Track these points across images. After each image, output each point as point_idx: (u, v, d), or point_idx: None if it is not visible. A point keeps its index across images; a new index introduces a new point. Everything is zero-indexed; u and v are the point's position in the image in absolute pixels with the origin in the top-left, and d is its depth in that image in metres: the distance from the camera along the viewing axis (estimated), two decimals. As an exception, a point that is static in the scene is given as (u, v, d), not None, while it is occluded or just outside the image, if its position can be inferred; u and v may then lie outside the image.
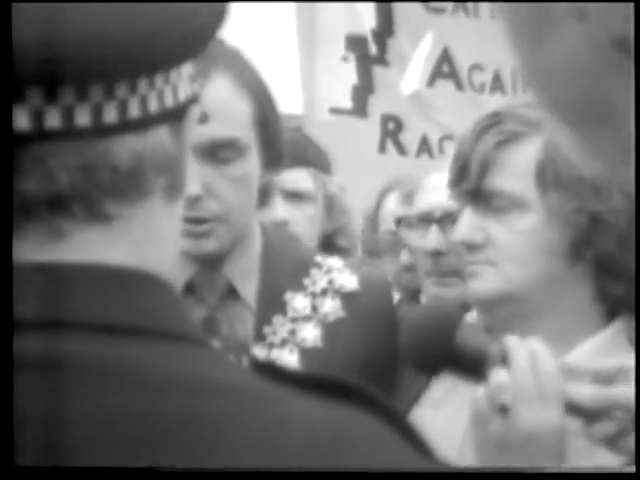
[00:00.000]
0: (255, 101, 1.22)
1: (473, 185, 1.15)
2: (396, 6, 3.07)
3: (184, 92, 0.63)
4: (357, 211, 2.10)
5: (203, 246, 1.21)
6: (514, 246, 1.14)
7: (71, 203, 0.58)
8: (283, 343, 1.26)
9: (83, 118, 0.57)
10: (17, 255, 0.56)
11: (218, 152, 1.19)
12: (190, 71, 0.64)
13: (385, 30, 3.06)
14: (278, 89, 1.31)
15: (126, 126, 0.59)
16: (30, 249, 0.58)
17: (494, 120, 1.16)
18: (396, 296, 1.84)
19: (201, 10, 0.61)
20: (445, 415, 1.19)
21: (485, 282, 1.14)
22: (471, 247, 1.15)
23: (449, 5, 3.11)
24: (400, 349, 1.08)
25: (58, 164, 0.57)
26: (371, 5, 3.06)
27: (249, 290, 1.27)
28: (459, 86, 3.10)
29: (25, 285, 0.57)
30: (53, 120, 0.56)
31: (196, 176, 1.17)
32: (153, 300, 0.59)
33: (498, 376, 1.00)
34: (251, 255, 1.28)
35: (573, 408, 1.00)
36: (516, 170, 1.14)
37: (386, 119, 3.05)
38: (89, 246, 0.59)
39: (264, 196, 1.28)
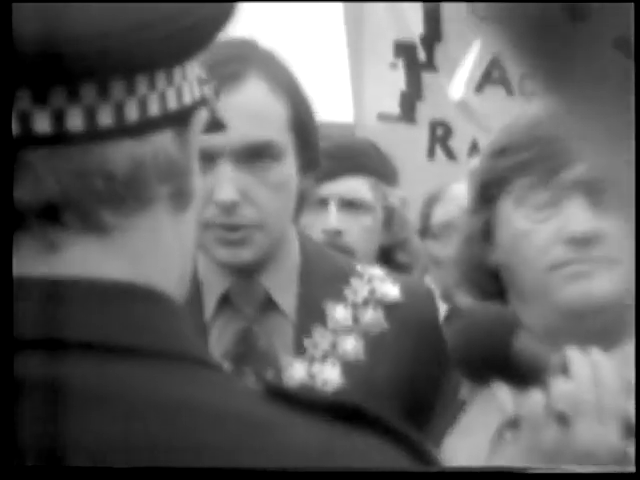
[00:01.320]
0: (290, 104, 1.14)
1: (586, 174, 1.00)
2: (445, 12, 2.98)
3: (190, 94, 0.57)
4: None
5: (239, 254, 1.13)
6: (629, 244, 0.95)
7: (63, 213, 0.52)
8: (324, 356, 1.17)
9: (75, 121, 0.51)
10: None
11: (254, 156, 1.11)
12: (199, 73, 0.58)
13: (433, 36, 2.97)
14: (328, 97, 1.23)
15: (123, 130, 0.53)
16: (21, 262, 0.52)
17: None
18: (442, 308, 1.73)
19: (194, 8, 0.54)
20: (476, 442, 1.08)
21: (604, 282, 1.00)
22: (586, 241, 1.00)
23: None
24: (451, 354, 0.98)
25: (48, 170, 0.51)
26: (419, 11, 2.97)
27: (288, 300, 1.19)
28: (509, 92, 2.99)
29: (19, 301, 0.51)
30: (43, 124, 0.51)
31: (231, 181, 1.10)
32: (151, 318, 0.53)
33: (561, 385, 0.90)
34: (289, 264, 1.20)
35: (631, 429, 0.89)
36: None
37: (435, 125, 2.96)
38: (84, 259, 0.53)
39: (301, 203, 1.20)
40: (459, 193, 1.37)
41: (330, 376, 1.16)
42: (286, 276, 1.20)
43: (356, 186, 1.76)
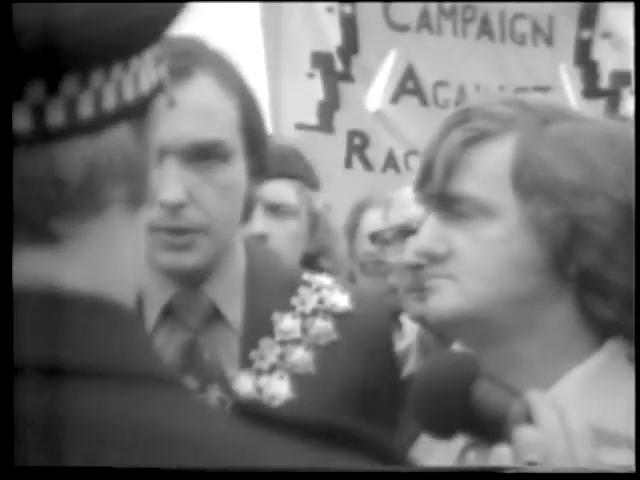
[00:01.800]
0: (240, 105, 1.09)
1: (437, 188, 0.99)
2: (361, 23, 3.00)
3: (148, 80, 0.51)
4: (340, 231, 1.96)
5: (183, 259, 1.07)
6: (478, 258, 0.96)
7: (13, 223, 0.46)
8: (272, 369, 1.13)
9: (23, 120, 0.45)
10: None
11: (202, 156, 1.06)
12: (156, 53, 0.52)
13: (350, 47, 2.98)
14: None
15: (76, 129, 0.46)
16: None
17: (462, 117, 1.00)
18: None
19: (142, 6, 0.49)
20: (437, 463, 1.04)
21: (444, 298, 0.97)
22: (433, 258, 0.99)
23: (413, 22, 3.04)
24: (409, 407, 0.89)
25: None
26: (335, 21, 2.97)
27: (234, 311, 1.14)
28: (423, 102, 3.03)
29: None
30: None
31: (178, 181, 1.04)
32: (114, 334, 0.48)
33: (526, 434, 0.83)
34: (235, 273, 1.15)
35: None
36: (484, 172, 0.98)
37: (352, 135, 2.96)
38: (37, 270, 0.47)
39: (248, 208, 1.15)
40: (410, 197, 1.36)
41: (278, 389, 1.12)
42: (232, 286, 1.14)
43: (282, 190, 1.72)
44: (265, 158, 1.14)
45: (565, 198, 0.95)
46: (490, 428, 0.86)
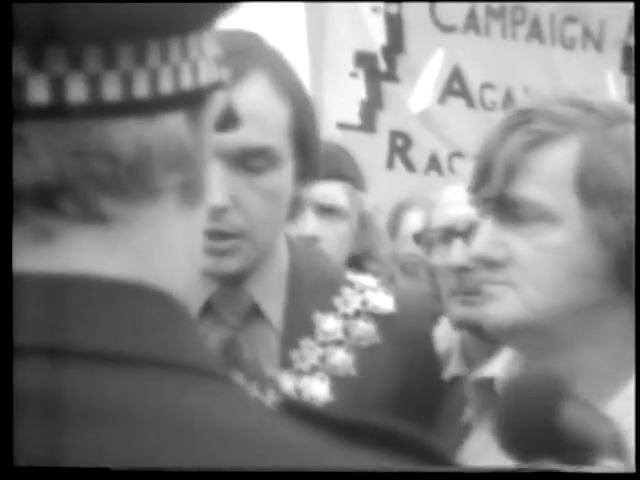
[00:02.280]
0: (293, 107, 1.06)
1: (496, 192, 0.95)
2: (406, 23, 2.96)
3: (207, 74, 0.49)
4: (386, 233, 1.93)
5: (225, 264, 1.05)
6: (540, 266, 0.93)
7: (59, 197, 0.45)
8: (312, 370, 1.10)
9: (77, 91, 0.44)
10: None
11: (249, 161, 1.03)
12: (217, 53, 0.51)
13: (395, 46, 2.94)
14: None
15: (131, 106, 0.45)
16: (14, 254, 0.44)
17: (524, 118, 0.96)
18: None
19: None
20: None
21: (504, 307, 0.94)
22: (490, 264, 0.95)
23: (460, 23, 3.00)
24: (493, 429, 0.83)
25: (43, 147, 0.44)
26: (381, 21, 2.94)
27: (275, 310, 1.11)
28: (470, 104, 2.99)
29: (14, 300, 0.44)
30: (40, 92, 0.43)
31: (222, 185, 1.01)
32: (159, 323, 0.46)
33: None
34: (277, 272, 1.13)
35: None
36: (547, 177, 0.94)
37: (394, 135, 2.93)
38: (81, 252, 0.46)
39: (294, 211, 1.12)
40: (457, 196, 1.31)
41: (318, 391, 1.09)
42: (273, 284, 1.12)
43: (333, 192, 1.70)
44: (316, 162, 1.11)
45: (627, 205, 0.92)
46: (577, 454, 0.80)
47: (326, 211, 1.69)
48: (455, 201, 1.35)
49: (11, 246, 0.45)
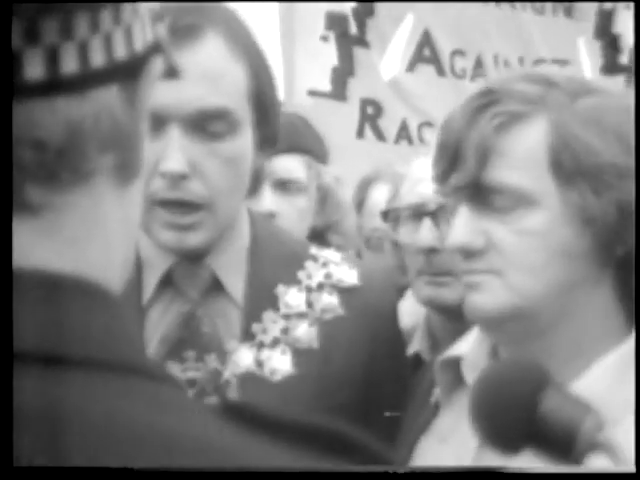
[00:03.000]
0: (251, 70, 1.02)
1: (469, 179, 0.92)
2: (376, -14, 2.91)
3: (142, 38, 0.45)
4: (351, 205, 1.89)
5: (186, 239, 1.01)
6: (523, 251, 0.91)
7: None
8: (274, 343, 1.08)
9: None
10: None
11: (207, 125, 0.99)
12: (154, 8, 0.46)
13: (365, 9, 2.89)
14: None
15: (58, 85, 0.41)
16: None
17: (489, 99, 0.93)
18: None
19: None
20: (452, 448, 0.98)
21: (490, 296, 0.92)
22: (470, 253, 0.93)
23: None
24: (471, 418, 0.80)
25: None
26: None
27: (236, 284, 1.09)
28: (440, 72, 2.95)
29: None
30: None
31: (181, 151, 0.97)
32: (96, 321, 0.43)
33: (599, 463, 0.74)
34: (239, 244, 1.10)
35: None
36: (521, 159, 0.91)
37: (365, 103, 2.89)
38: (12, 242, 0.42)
39: (255, 183, 1.08)
40: (425, 174, 1.28)
41: (280, 364, 1.07)
42: (235, 258, 1.09)
43: (290, 165, 1.65)
44: (276, 129, 1.07)
45: (610, 182, 0.90)
46: (559, 444, 0.77)
47: (283, 185, 1.65)
48: (425, 177, 1.32)
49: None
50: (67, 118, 0.42)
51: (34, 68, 0.40)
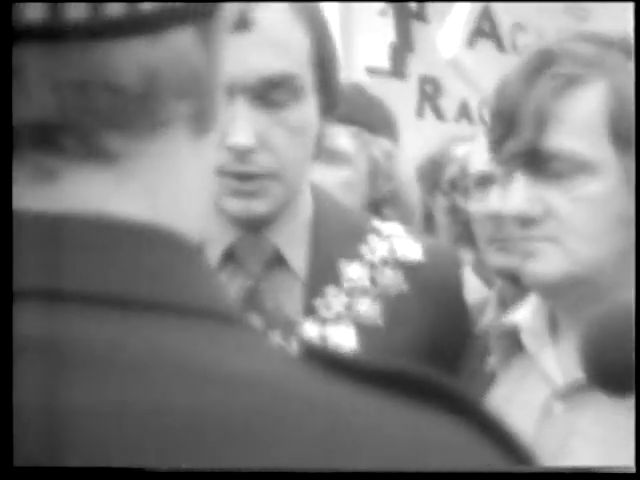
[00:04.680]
0: (314, 36, 0.98)
1: (526, 145, 0.89)
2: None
3: None
4: (411, 178, 1.82)
5: (253, 207, 0.98)
6: (582, 218, 0.89)
7: (60, 134, 0.39)
8: (338, 318, 1.04)
9: (77, 8, 0.37)
10: None
11: (273, 93, 0.95)
12: None
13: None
14: None
15: (134, 24, 0.38)
16: (14, 194, 0.39)
17: (545, 60, 0.89)
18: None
19: None
20: (512, 420, 0.95)
21: (548, 263, 0.90)
22: (528, 221, 0.90)
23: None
24: (580, 361, 0.78)
25: (40, 78, 0.38)
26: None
27: (298, 258, 1.05)
28: (500, 47, 2.85)
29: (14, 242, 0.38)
30: (35, 9, 0.36)
31: (247, 123, 0.94)
32: (174, 266, 0.41)
33: None
34: (300, 218, 1.06)
35: None
36: (580, 125, 0.88)
37: (424, 81, 2.81)
38: (87, 191, 0.40)
39: (317, 149, 1.04)
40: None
41: (344, 339, 1.04)
42: (297, 232, 1.06)
43: (335, 135, 1.57)
44: (337, 96, 1.03)
45: None
46: None
47: (328, 155, 1.54)
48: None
49: (11, 187, 0.40)
50: (144, 61, 0.39)
51: (111, 5, 0.37)
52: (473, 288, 1.39)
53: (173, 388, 0.37)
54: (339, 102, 1.04)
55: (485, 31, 2.84)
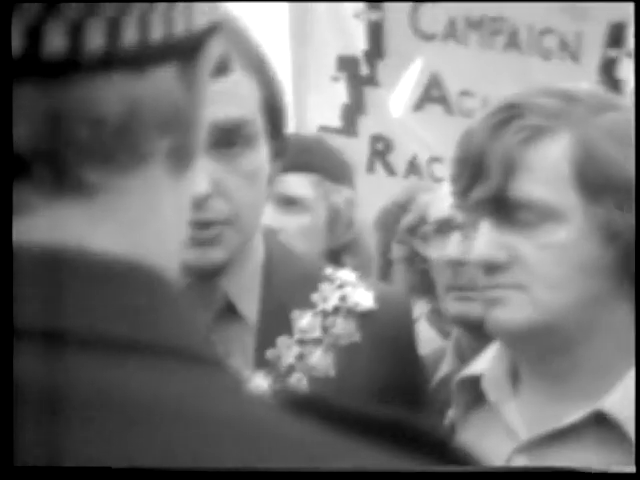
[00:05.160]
0: (262, 82, 0.98)
1: (493, 192, 0.89)
2: (386, 29, 2.90)
3: (202, 16, 0.41)
4: (368, 226, 1.82)
5: (209, 255, 0.95)
6: (548, 265, 0.88)
7: (36, 167, 0.38)
8: (289, 370, 1.01)
9: (55, 41, 0.36)
10: None
11: (227, 140, 0.94)
12: None
13: (375, 52, 2.88)
14: None
15: (117, 59, 0.38)
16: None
17: (511, 113, 0.90)
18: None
19: None
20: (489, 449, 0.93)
21: (514, 310, 0.88)
22: (492, 268, 0.89)
23: (439, 32, 2.95)
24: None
25: (18, 110, 0.37)
26: (361, 26, 2.88)
27: (249, 307, 1.02)
28: (448, 111, 2.92)
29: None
30: (16, 41, 0.36)
31: (203, 171, 0.93)
32: (154, 305, 0.40)
33: None
34: (252, 265, 1.04)
35: None
36: (546, 173, 0.88)
37: (375, 139, 2.86)
38: (64, 225, 0.39)
39: (267, 194, 1.03)
40: (448, 192, 1.24)
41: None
42: (248, 279, 1.03)
43: (296, 182, 1.58)
44: (286, 142, 1.03)
45: (634, 196, 0.87)
46: None
47: (287, 202, 1.57)
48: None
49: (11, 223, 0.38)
50: (126, 95, 0.38)
51: (95, 40, 0.37)
52: (428, 339, 1.37)
53: (148, 429, 0.36)
54: (287, 148, 1.03)
55: (434, 96, 2.91)
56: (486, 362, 0.98)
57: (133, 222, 0.41)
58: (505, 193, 0.89)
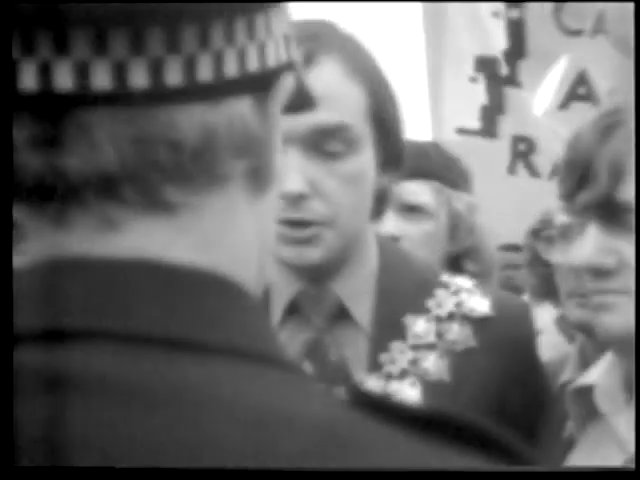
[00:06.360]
0: (370, 89, 0.96)
1: (601, 196, 0.87)
2: (528, 28, 2.78)
3: (275, 55, 0.45)
4: (491, 232, 1.76)
5: (307, 254, 0.95)
6: None
7: (123, 187, 0.42)
8: (403, 374, 0.99)
9: (139, 77, 0.41)
10: (60, 248, 0.42)
11: (325, 143, 0.94)
12: (286, 31, 0.46)
13: (516, 51, 2.76)
14: (406, 113, 1.05)
15: (195, 91, 0.42)
16: (76, 241, 0.42)
17: (616, 118, 0.88)
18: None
19: None
20: None
21: (620, 316, 0.85)
22: (601, 273, 0.87)
23: (587, 27, 2.78)
24: None
25: (106, 136, 0.41)
26: (501, 26, 2.77)
27: (363, 311, 1.01)
28: (596, 108, 2.75)
29: (74, 284, 0.41)
30: (101, 78, 0.40)
31: (299, 171, 0.93)
32: (227, 312, 0.43)
33: None
34: (366, 271, 1.03)
35: None
36: None
37: (517, 140, 2.74)
38: (147, 240, 0.43)
39: (380, 205, 1.01)
40: None
41: (409, 396, 0.98)
42: (362, 284, 1.02)
43: (416, 189, 1.57)
44: (400, 150, 1.00)
45: None
46: None
47: (409, 210, 1.56)
48: None
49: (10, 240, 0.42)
50: (202, 122, 0.42)
51: (174, 75, 0.41)
52: (555, 344, 1.30)
53: (224, 428, 0.37)
54: (403, 157, 1.01)
55: (580, 94, 2.75)
56: (600, 372, 0.94)
57: (213, 238, 0.44)
58: (613, 197, 0.86)
